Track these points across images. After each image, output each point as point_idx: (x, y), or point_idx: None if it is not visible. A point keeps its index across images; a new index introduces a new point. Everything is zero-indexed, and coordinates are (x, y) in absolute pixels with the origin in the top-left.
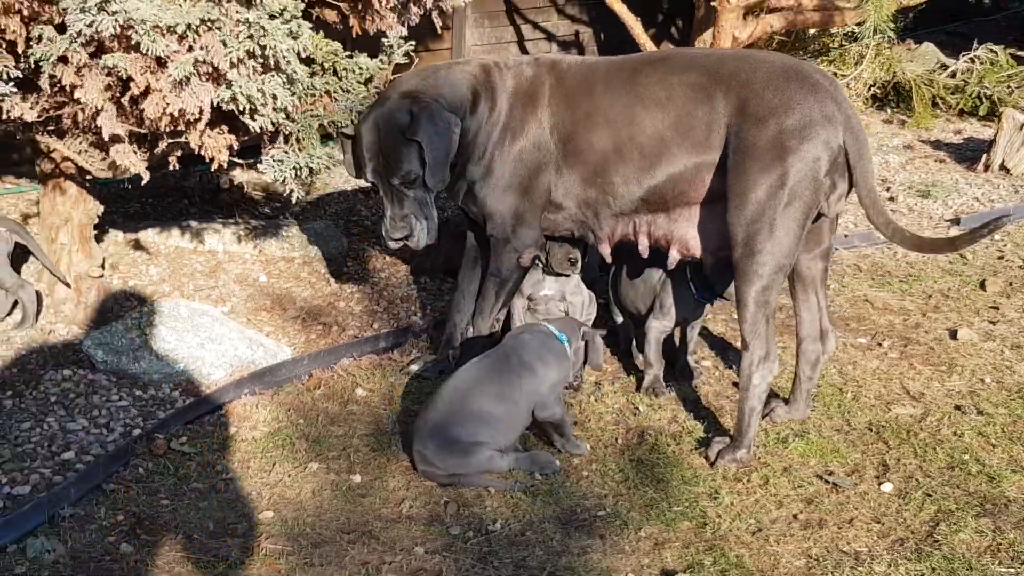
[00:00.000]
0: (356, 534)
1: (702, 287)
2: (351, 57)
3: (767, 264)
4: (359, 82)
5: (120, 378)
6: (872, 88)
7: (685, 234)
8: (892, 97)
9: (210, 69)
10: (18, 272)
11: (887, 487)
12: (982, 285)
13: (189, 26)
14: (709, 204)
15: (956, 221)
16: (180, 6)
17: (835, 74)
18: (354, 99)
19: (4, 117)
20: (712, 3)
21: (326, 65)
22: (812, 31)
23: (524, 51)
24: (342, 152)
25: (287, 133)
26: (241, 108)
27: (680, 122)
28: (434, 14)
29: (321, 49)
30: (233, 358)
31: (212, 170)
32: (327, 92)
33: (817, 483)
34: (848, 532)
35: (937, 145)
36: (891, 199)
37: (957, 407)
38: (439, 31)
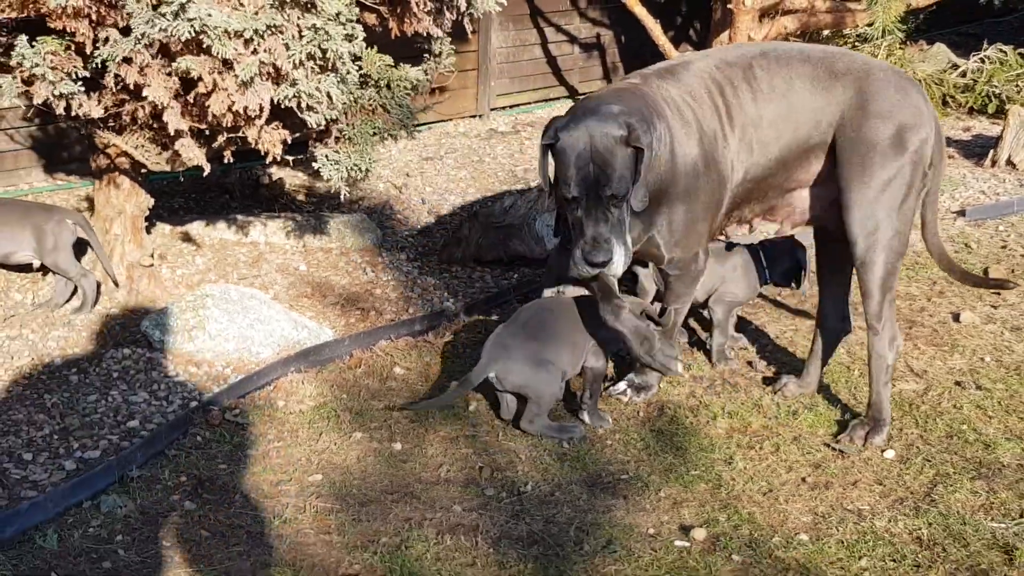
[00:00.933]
0: (399, 494)
1: (772, 270)
2: (396, 67)
3: (890, 252)
4: (406, 92)
5: (176, 355)
6: None
7: (790, 209)
8: None
9: (271, 70)
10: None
11: (889, 454)
12: (985, 272)
13: (256, 31)
14: (813, 187)
15: (962, 213)
16: (246, 13)
17: None
18: (405, 112)
19: (72, 114)
20: (728, 5)
21: (381, 81)
22: (825, 32)
23: (547, 53)
24: (540, 167)
25: (342, 135)
26: (301, 106)
27: (800, 113)
28: (465, 20)
29: (376, 64)
30: (280, 338)
31: (267, 161)
32: (382, 106)
33: (824, 450)
34: (852, 492)
35: (947, 142)
36: None
37: (957, 383)
38: (468, 35)
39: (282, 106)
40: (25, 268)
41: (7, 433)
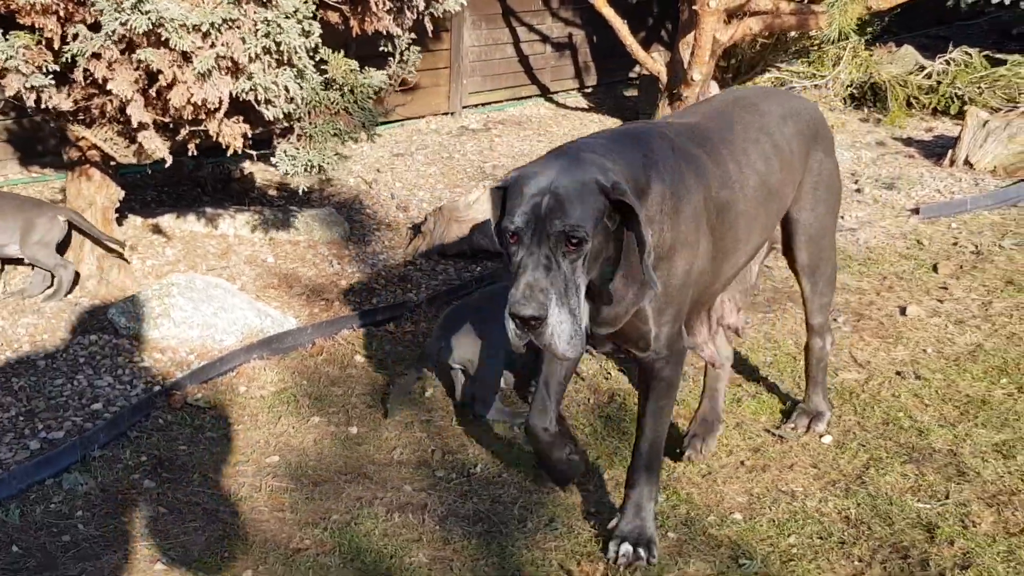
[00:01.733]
0: (352, 475)
1: None
2: (361, 70)
3: (834, 267)
4: (370, 97)
5: (141, 342)
6: (849, 88)
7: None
8: (869, 97)
9: (230, 63)
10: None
11: (827, 439)
12: (935, 268)
13: (212, 24)
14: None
15: (916, 211)
16: (204, 7)
17: (814, 75)
18: (367, 115)
19: (42, 107)
20: (694, 7)
21: (345, 86)
22: (793, 34)
23: (519, 52)
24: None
25: (304, 133)
26: (258, 99)
27: (793, 165)
28: (426, 19)
29: (341, 68)
30: (243, 326)
31: (228, 155)
32: (345, 109)
33: (765, 436)
34: (788, 475)
35: (908, 142)
36: (858, 191)
37: (898, 373)
38: (439, 33)
39: (240, 99)
40: (15, 260)
41: None
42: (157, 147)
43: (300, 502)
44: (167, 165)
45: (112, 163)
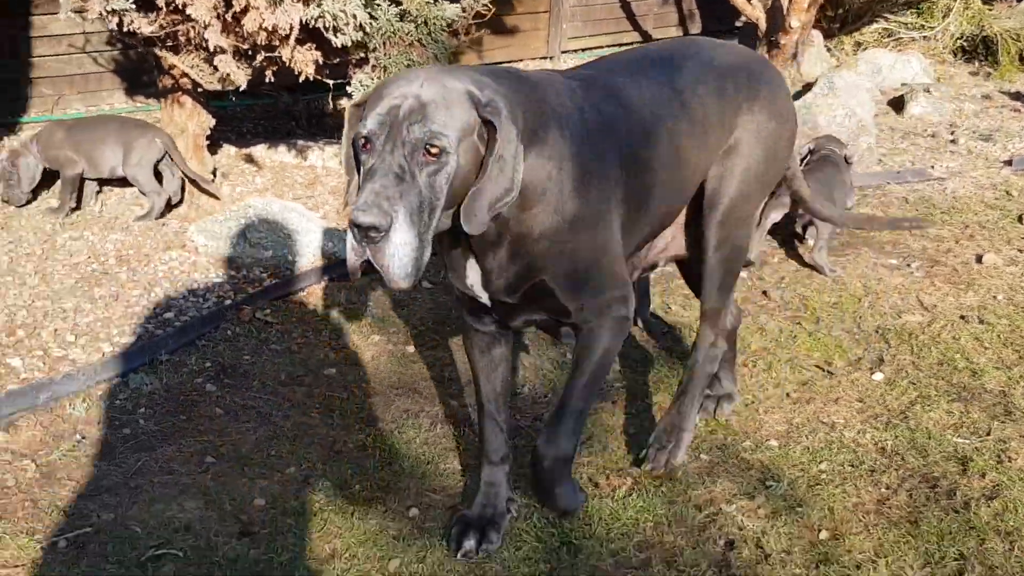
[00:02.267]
0: (403, 390)
1: None
2: (435, 4)
3: (740, 255)
4: (443, 29)
5: (217, 260)
6: (959, 40)
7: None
8: (981, 50)
9: None
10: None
11: (878, 376)
12: (1020, 219)
13: None
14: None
15: (1008, 162)
16: None
17: (923, 26)
18: (440, 47)
19: (125, 30)
20: None
21: (419, 17)
22: None
23: (627, 11)
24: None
25: (378, 63)
26: (327, 26)
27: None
28: None
29: (415, 0)
30: (316, 249)
31: (300, 81)
32: (419, 41)
33: (815, 371)
34: (831, 408)
35: (1016, 96)
36: (952, 141)
37: (962, 317)
38: None
39: (310, 26)
40: (117, 182)
41: (55, 318)
42: (233, 71)
43: (349, 411)
44: (242, 88)
45: (200, 90)
